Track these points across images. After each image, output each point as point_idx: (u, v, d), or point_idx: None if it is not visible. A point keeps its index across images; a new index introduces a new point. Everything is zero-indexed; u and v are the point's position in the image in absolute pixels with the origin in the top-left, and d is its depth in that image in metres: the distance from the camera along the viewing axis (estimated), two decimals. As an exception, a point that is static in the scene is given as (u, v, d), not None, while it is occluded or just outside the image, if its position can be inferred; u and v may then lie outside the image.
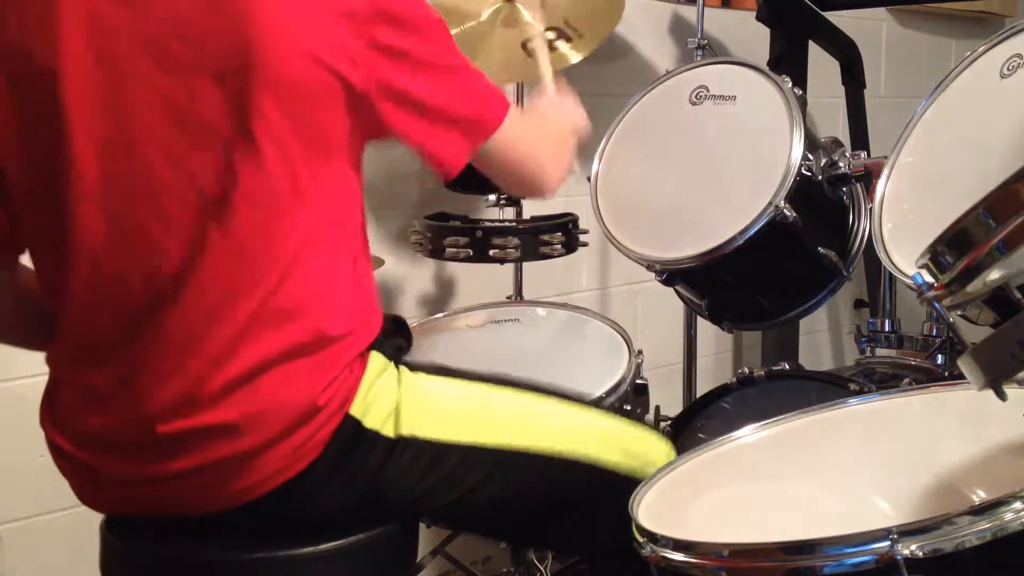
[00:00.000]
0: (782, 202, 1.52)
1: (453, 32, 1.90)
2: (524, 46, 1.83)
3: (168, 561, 1.14)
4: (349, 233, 1.13)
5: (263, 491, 1.08)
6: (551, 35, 1.85)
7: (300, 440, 1.07)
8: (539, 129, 1.29)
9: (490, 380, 1.25)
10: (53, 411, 1.15)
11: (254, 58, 1.01)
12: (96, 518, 1.20)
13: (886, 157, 1.55)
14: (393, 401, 1.14)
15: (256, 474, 1.07)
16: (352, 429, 1.10)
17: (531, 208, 2.09)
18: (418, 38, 1.09)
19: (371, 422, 1.11)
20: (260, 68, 1.01)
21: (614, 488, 1.23)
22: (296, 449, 1.07)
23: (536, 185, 1.25)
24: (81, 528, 1.21)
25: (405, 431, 1.13)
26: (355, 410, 1.10)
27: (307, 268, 1.07)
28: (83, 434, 1.11)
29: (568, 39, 1.88)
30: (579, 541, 1.30)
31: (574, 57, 1.89)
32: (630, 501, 1.13)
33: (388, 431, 1.12)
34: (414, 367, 1.20)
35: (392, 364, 1.17)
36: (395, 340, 1.20)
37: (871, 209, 1.53)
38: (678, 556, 1.00)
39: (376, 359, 1.14)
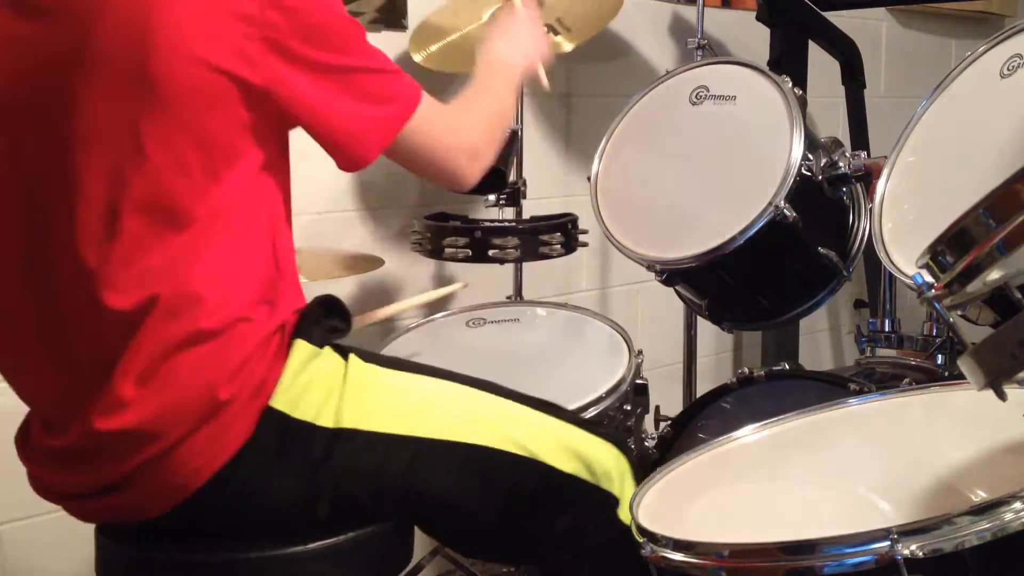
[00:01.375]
0: (782, 202, 1.52)
1: (454, 37, 1.91)
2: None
3: (160, 562, 1.14)
4: (262, 222, 1.11)
5: (194, 487, 1.07)
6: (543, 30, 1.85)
7: (212, 432, 1.06)
8: (462, 115, 1.26)
9: (445, 376, 1.24)
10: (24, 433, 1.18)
11: (147, 66, 1.01)
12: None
13: (886, 157, 1.55)
14: (331, 388, 1.12)
15: (180, 471, 1.06)
16: (278, 421, 1.08)
17: (531, 208, 2.09)
18: (320, 32, 1.09)
19: (302, 413, 1.10)
20: (152, 76, 1.01)
21: (568, 494, 1.23)
22: (210, 442, 1.06)
23: (452, 178, 1.24)
24: (81, 528, 1.21)
25: (347, 423, 1.12)
26: (278, 402, 1.08)
27: (206, 260, 1.06)
28: (35, 446, 1.15)
29: (556, 34, 1.88)
30: (534, 549, 1.27)
31: (566, 46, 1.90)
32: (630, 501, 1.13)
33: (326, 422, 1.11)
34: (365, 356, 1.19)
35: (331, 350, 1.15)
36: (327, 323, 1.17)
37: (871, 209, 1.53)
38: (678, 556, 1.00)
39: (302, 348, 1.11)
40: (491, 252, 1.86)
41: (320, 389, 1.11)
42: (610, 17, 2.04)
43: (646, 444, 1.79)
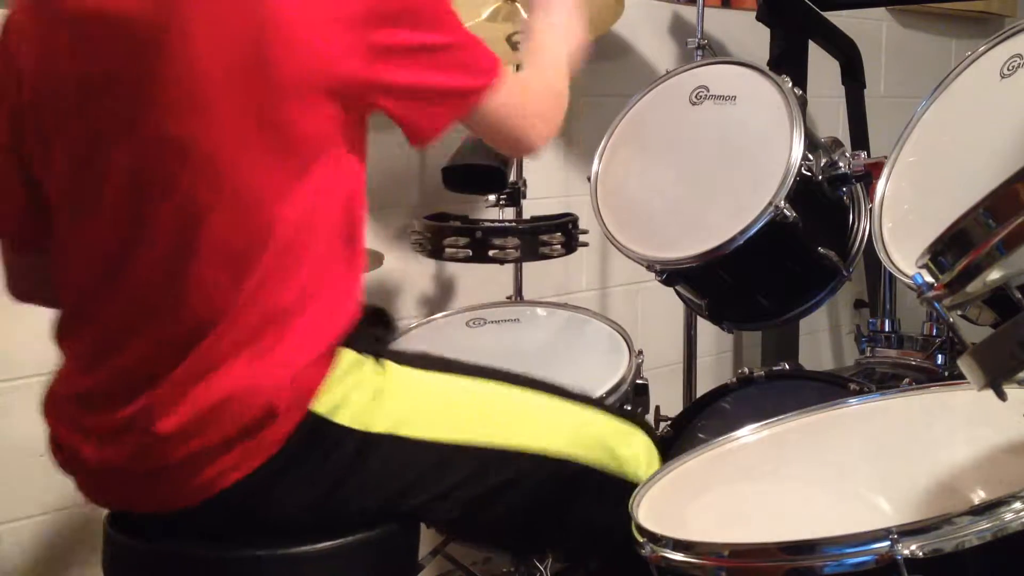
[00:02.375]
0: (782, 202, 1.52)
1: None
2: (508, 39, 1.84)
3: (168, 557, 1.14)
4: (335, 226, 1.12)
5: (223, 486, 1.07)
6: None
7: (259, 435, 1.06)
8: (531, 88, 1.27)
9: (477, 373, 1.24)
10: (52, 391, 1.17)
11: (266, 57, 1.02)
12: (96, 518, 1.20)
13: (886, 157, 1.55)
14: (368, 396, 1.13)
15: (211, 470, 1.07)
16: (316, 425, 1.09)
17: (531, 208, 2.08)
18: (408, 24, 1.09)
19: (340, 418, 1.10)
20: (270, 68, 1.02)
21: (600, 489, 1.23)
22: (258, 441, 1.06)
23: (525, 144, 1.25)
24: (81, 528, 1.21)
25: (381, 428, 1.12)
26: (320, 406, 1.09)
27: (285, 268, 1.07)
28: (69, 409, 1.14)
29: None
30: (561, 544, 1.28)
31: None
32: (630, 501, 1.13)
33: (359, 426, 1.11)
34: (401, 359, 1.19)
35: (370, 358, 1.16)
36: (372, 331, 1.18)
37: (871, 209, 1.53)
38: (678, 556, 1.00)
39: (347, 355, 1.12)
40: (491, 252, 1.86)
41: (358, 397, 1.12)
42: (609, 24, 2.04)
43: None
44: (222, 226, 1.04)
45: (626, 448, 1.27)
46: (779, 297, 1.74)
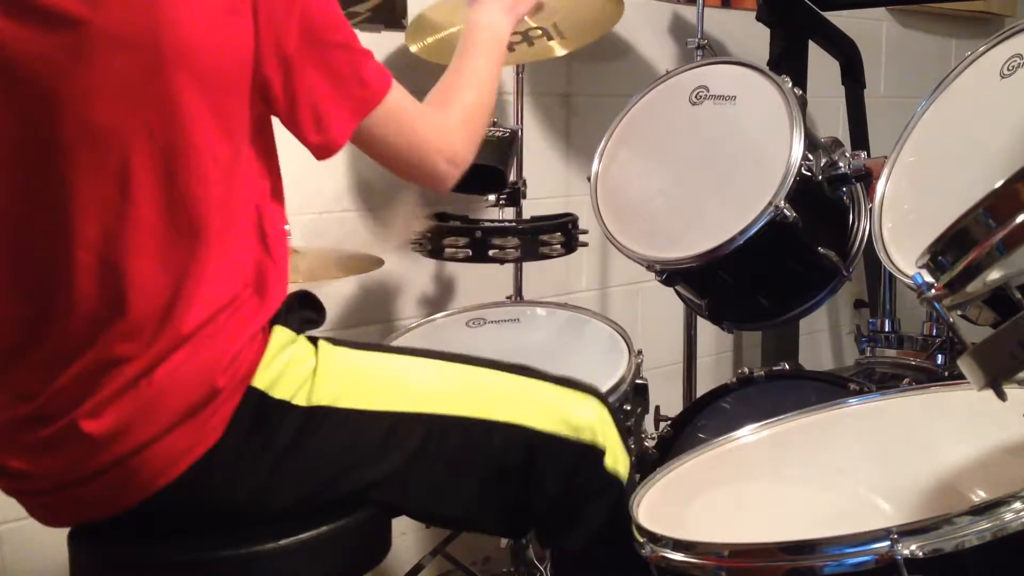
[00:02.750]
0: (782, 202, 1.52)
1: (452, 30, 1.91)
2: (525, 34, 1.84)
3: (133, 564, 1.13)
4: (252, 209, 1.11)
5: (174, 475, 1.06)
6: (538, 32, 1.85)
7: (202, 420, 1.06)
8: (439, 112, 1.23)
9: (414, 352, 1.23)
10: None
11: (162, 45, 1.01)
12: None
13: (886, 157, 1.55)
14: (306, 372, 1.12)
15: (161, 459, 1.06)
16: (257, 402, 1.08)
17: (531, 208, 2.09)
18: (310, 19, 1.08)
19: (279, 393, 1.10)
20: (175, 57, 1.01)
21: (550, 453, 1.21)
22: (198, 429, 1.06)
23: (425, 177, 1.21)
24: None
25: (322, 400, 1.12)
26: (259, 382, 1.08)
27: (212, 252, 1.06)
28: (10, 431, 1.11)
29: (550, 38, 1.88)
30: (522, 514, 1.25)
31: (558, 51, 1.89)
32: (630, 501, 1.13)
33: (300, 401, 1.11)
34: (334, 341, 1.19)
35: (304, 339, 1.15)
36: (302, 313, 1.18)
37: (871, 209, 1.53)
38: (678, 556, 1.00)
39: (280, 332, 1.12)
40: (491, 252, 1.86)
41: (295, 371, 1.12)
42: (609, 26, 2.04)
43: (646, 444, 1.79)
44: (152, 216, 1.03)
45: (579, 416, 1.23)
46: (779, 297, 1.74)
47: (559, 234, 1.92)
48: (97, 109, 1.01)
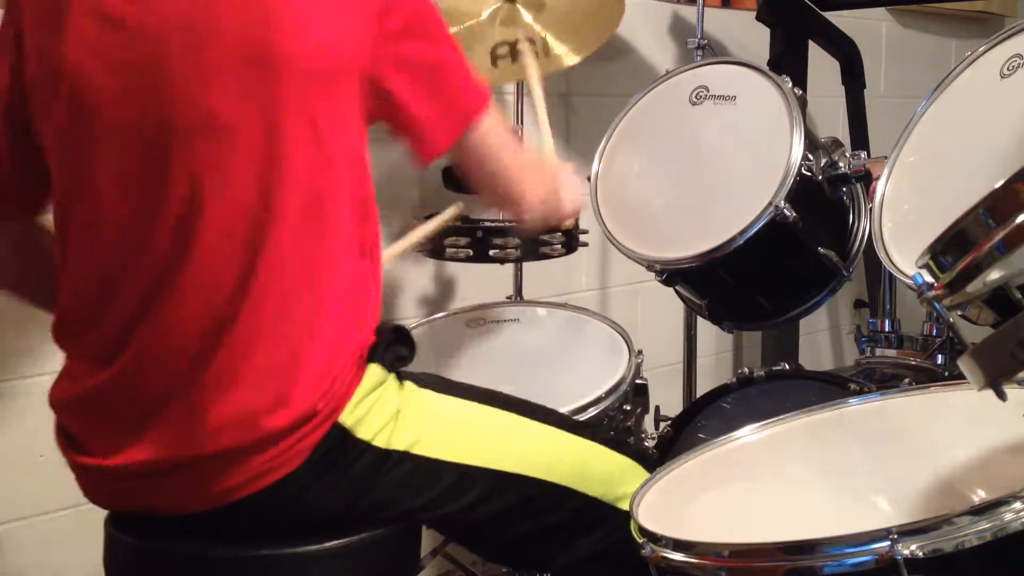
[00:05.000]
0: (782, 202, 1.52)
1: (452, 31, 1.91)
2: (513, 47, 1.84)
3: (171, 557, 1.14)
4: (360, 233, 1.14)
5: (246, 493, 1.07)
6: (524, 48, 1.86)
7: (288, 444, 1.06)
8: (523, 154, 1.28)
9: (491, 400, 1.25)
10: (60, 384, 1.15)
11: (275, 50, 1.03)
12: (97, 518, 1.20)
13: (886, 157, 1.55)
14: (389, 414, 1.13)
15: (239, 475, 1.07)
16: (340, 438, 1.09)
17: (531, 208, 2.08)
18: (416, 20, 1.11)
19: (363, 433, 1.11)
20: (281, 60, 1.03)
21: (590, 516, 1.25)
22: (283, 453, 1.07)
23: (511, 194, 1.25)
24: (81, 528, 1.21)
25: (400, 445, 1.13)
26: (345, 419, 1.09)
27: (331, 265, 1.09)
28: (83, 401, 1.12)
29: (536, 56, 1.88)
30: (554, 562, 1.29)
31: (569, 60, 1.89)
32: (630, 501, 1.13)
33: (380, 443, 1.12)
34: (420, 382, 1.21)
35: (392, 376, 1.17)
36: (396, 350, 1.18)
37: (871, 209, 1.53)
38: (678, 556, 1.00)
39: (374, 371, 1.13)
40: (492, 252, 1.86)
41: (380, 412, 1.13)
42: (610, 26, 2.04)
43: (646, 444, 1.79)
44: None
45: (625, 485, 1.27)
46: (779, 297, 1.74)
47: (559, 234, 1.92)
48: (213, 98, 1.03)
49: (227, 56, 1.03)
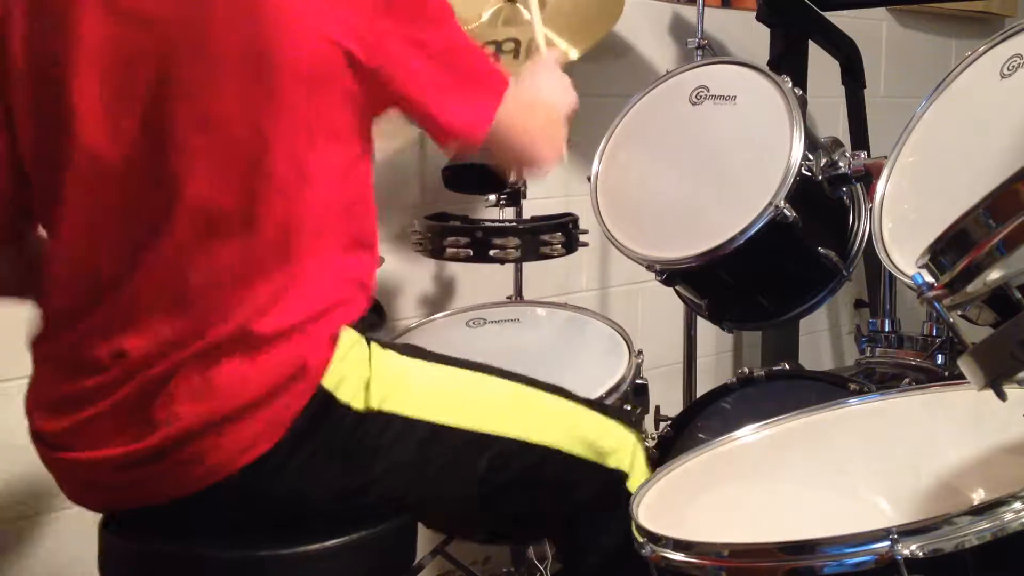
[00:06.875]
0: (782, 202, 1.52)
1: (472, 25, 1.91)
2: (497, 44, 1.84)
3: (167, 557, 1.14)
4: (352, 215, 1.15)
5: (231, 470, 1.08)
6: (511, 45, 1.86)
7: (273, 412, 1.07)
8: (532, 107, 1.28)
9: (460, 364, 1.25)
10: (36, 391, 1.17)
11: (269, 46, 1.04)
12: (96, 517, 1.20)
13: (886, 157, 1.55)
14: (364, 375, 1.14)
15: (220, 452, 1.07)
16: (324, 401, 1.10)
17: (531, 208, 2.08)
18: (424, 18, 1.12)
19: (343, 395, 1.11)
20: (275, 55, 1.04)
21: (576, 475, 1.25)
22: (268, 423, 1.07)
23: (532, 159, 1.26)
24: (81, 528, 1.21)
25: (374, 404, 1.13)
26: (327, 381, 1.10)
27: (312, 248, 1.10)
28: (61, 406, 1.13)
29: (515, 57, 1.89)
30: (542, 530, 1.31)
31: (572, 54, 1.89)
32: (631, 501, 1.13)
33: (358, 404, 1.13)
34: (384, 344, 1.21)
35: (363, 339, 1.17)
36: (367, 316, 1.20)
37: (871, 209, 1.53)
38: (678, 556, 1.00)
39: (348, 333, 1.14)
40: (492, 252, 1.86)
41: (357, 372, 1.14)
42: (609, 24, 2.04)
43: (646, 444, 1.79)
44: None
45: (603, 442, 1.28)
46: (779, 297, 1.74)
47: (560, 234, 1.92)
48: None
49: (227, 55, 1.04)
